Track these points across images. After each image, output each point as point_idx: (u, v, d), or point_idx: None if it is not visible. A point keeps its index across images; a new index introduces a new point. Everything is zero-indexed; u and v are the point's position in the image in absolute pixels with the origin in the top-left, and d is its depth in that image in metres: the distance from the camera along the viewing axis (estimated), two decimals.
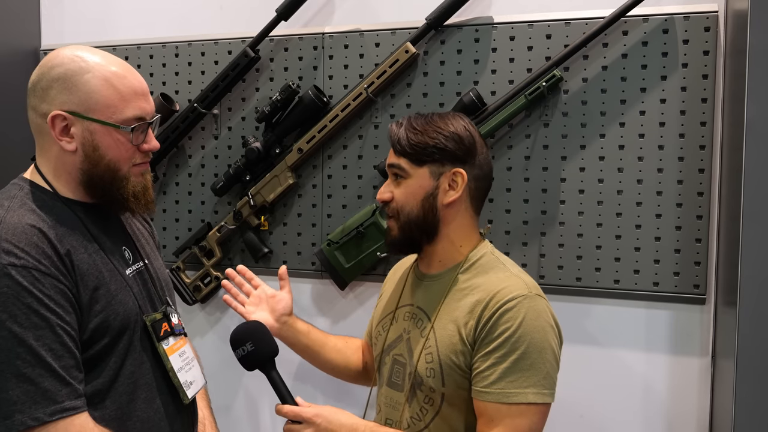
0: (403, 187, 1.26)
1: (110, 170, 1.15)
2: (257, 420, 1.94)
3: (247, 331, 1.28)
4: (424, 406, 1.24)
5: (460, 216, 1.26)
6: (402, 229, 1.27)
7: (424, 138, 1.23)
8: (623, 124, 1.56)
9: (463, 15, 1.65)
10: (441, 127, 1.24)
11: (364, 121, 1.76)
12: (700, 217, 1.52)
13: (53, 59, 1.13)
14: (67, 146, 1.13)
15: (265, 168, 1.83)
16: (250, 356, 1.26)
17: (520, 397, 1.13)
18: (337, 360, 1.54)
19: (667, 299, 1.55)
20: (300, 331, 1.51)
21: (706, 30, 1.49)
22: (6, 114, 1.93)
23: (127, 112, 1.13)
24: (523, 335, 1.15)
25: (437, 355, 1.21)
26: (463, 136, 1.24)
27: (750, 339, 1.23)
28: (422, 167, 1.24)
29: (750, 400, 1.24)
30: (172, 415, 1.21)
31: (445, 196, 1.24)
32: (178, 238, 1.97)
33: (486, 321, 1.17)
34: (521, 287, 1.19)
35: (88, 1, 2.06)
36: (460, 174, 1.23)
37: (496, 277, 1.22)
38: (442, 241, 1.27)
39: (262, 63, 1.84)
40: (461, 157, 1.24)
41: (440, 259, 1.29)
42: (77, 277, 1.08)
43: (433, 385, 1.21)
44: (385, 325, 1.36)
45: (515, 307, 1.16)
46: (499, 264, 1.26)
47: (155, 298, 1.24)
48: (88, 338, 1.09)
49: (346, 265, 1.76)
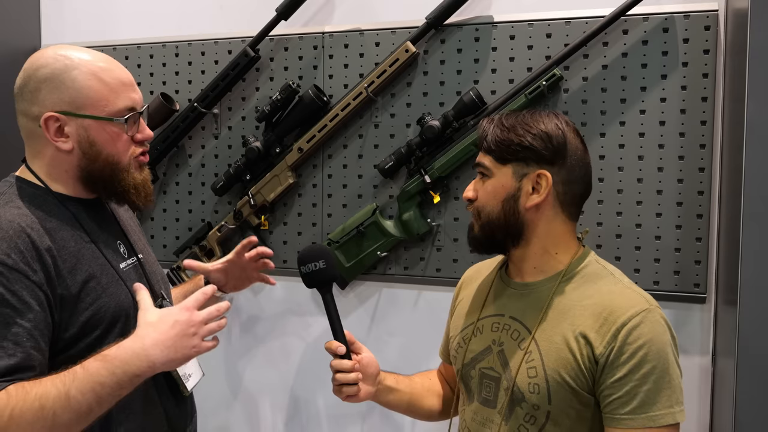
0: (486, 186, 1.19)
1: (109, 164, 1.15)
2: (257, 417, 1.94)
3: (322, 250, 1.30)
4: (524, 425, 1.15)
5: (547, 221, 1.17)
6: (482, 229, 1.20)
7: (510, 135, 1.16)
8: (623, 123, 1.56)
9: (463, 14, 1.65)
10: (530, 125, 1.16)
11: (365, 120, 1.76)
12: (700, 216, 1.52)
13: (37, 61, 1.13)
14: (64, 146, 1.13)
15: (265, 167, 1.83)
16: (320, 273, 1.28)
17: (668, 418, 1.07)
18: (435, 403, 1.41)
19: (667, 298, 1.54)
20: (393, 388, 1.36)
21: (706, 29, 1.49)
22: (6, 114, 1.93)
23: (118, 104, 1.14)
24: (655, 353, 1.07)
25: (543, 370, 1.13)
26: (552, 135, 1.15)
27: (750, 338, 1.23)
28: (505, 166, 1.17)
29: (750, 399, 1.24)
30: (171, 408, 1.22)
31: (528, 199, 1.16)
32: (179, 237, 1.97)
33: (611, 341, 1.08)
34: (641, 301, 1.11)
35: (88, 1, 2.06)
36: (545, 176, 1.14)
37: (609, 290, 1.14)
38: (532, 247, 1.19)
39: (262, 62, 1.84)
40: (547, 157, 1.15)
41: (535, 266, 1.20)
42: (64, 272, 1.08)
43: (537, 401, 1.13)
44: (466, 337, 1.26)
45: (642, 324, 1.08)
46: (607, 274, 1.18)
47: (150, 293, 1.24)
48: (79, 330, 1.09)
49: (346, 264, 1.76)
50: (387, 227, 1.72)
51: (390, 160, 1.68)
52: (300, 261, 1.29)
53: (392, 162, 1.68)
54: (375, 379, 1.30)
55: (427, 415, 1.41)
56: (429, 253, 1.72)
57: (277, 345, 1.89)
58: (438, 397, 1.41)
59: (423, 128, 1.63)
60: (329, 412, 1.87)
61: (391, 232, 1.71)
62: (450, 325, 1.37)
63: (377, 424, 1.82)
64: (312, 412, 1.89)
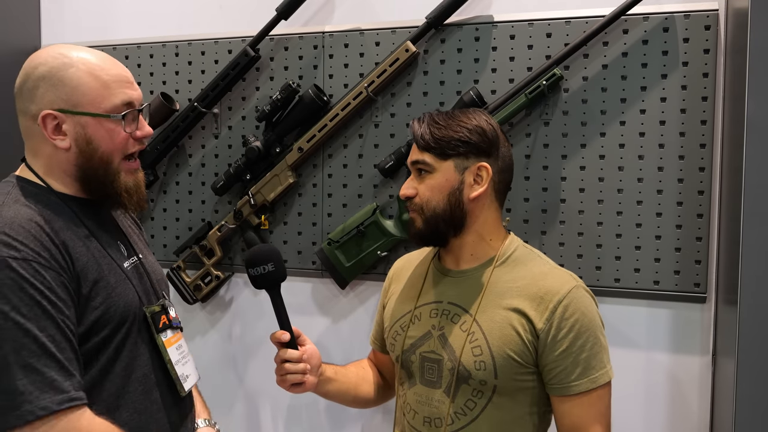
0: (428, 182, 1.26)
1: (103, 163, 1.15)
2: (257, 419, 1.94)
3: (270, 251, 1.31)
4: (471, 399, 1.25)
5: (486, 210, 1.28)
6: (427, 222, 1.27)
7: (448, 132, 1.24)
8: (624, 123, 1.56)
9: (463, 14, 1.65)
10: (464, 121, 1.26)
11: (365, 120, 1.76)
12: (700, 216, 1.52)
13: (35, 59, 1.14)
14: (61, 144, 1.13)
15: (265, 167, 1.83)
16: (268, 276, 1.29)
17: (605, 377, 1.23)
18: (370, 391, 1.48)
19: (667, 298, 1.55)
20: (332, 378, 1.41)
21: (706, 28, 1.49)
22: (6, 114, 1.93)
23: (115, 100, 1.14)
24: (588, 323, 1.22)
25: (488, 348, 1.22)
26: (486, 129, 1.26)
27: (750, 337, 1.23)
28: (447, 161, 1.25)
29: (750, 398, 1.24)
30: (169, 407, 1.22)
31: (471, 190, 1.26)
32: (179, 237, 1.97)
33: (549, 317, 1.21)
34: (569, 279, 1.25)
35: (88, 0, 2.06)
36: (485, 168, 1.25)
37: (540, 271, 1.26)
38: (470, 235, 1.29)
39: (262, 62, 1.84)
40: (485, 150, 1.25)
41: (471, 253, 1.30)
42: (77, 270, 1.08)
43: (483, 377, 1.23)
44: (404, 325, 1.35)
45: (575, 300, 1.22)
46: (535, 257, 1.30)
47: (151, 293, 1.25)
48: (87, 330, 1.09)
49: (346, 264, 1.76)
50: (387, 227, 1.72)
51: (390, 159, 1.68)
52: (248, 263, 1.30)
53: (392, 161, 1.68)
54: (318, 370, 1.36)
55: (363, 402, 1.49)
56: None
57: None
58: (371, 385, 1.49)
59: None
60: (329, 412, 1.87)
61: (391, 231, 1.71)
62: (384, 315, 1.44)
63: (377, 424, 1.82)
64: (312, 412, 1.89)
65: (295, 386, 1.32)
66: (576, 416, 1.22)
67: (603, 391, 1.23)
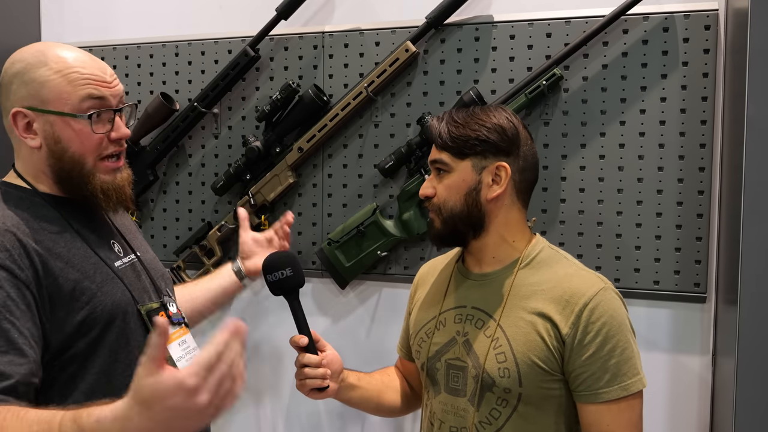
0: (446, 181, 1.23)
1: (75, 163, 1.13)
2: (258, 417, 1.94)
3: (288, 257, 1.30)
4: (496, 408, 1.20)
5: (506, 210, 1.23)
6: (445, 223, 1.23)
7: (465, 131, 1.20)
8: (623, 123, 1.56)
9: (463, 14, 1.65)
10: (483, 119, 1.21)
11: (365, 120, 1.76)
12: (700, 216, 1.52)
13: (14, 56, 1.12)
14: (32, 143, 1.11)
15: (265, 167, 1.82)
16: (286, 281, 1.28)
17: (638, 385, 1.16)
18: (395, 399, 1.44)
19: (667, 298, 1.54)
20: (355, 385, 1.38)
21: (706, 28, 1.49)
22: None
23: (77, 99, 1.11)
24: (617, 327, 1.16)
25: (512, 355, 1.18)
26: (506, 127, 1.21)
27: (750, 337, 1.23)
28: (464, 160, 1.21)
29: (751, 398, 1.24)
30: None
31: (489, 190, 1.21)
32: (179, 237, 1.97)
33: (576, 322, 1.16)
34: (596, 281, 1.20)
35: (88, 0, 2.06)
36: (504, 168, 1.20)
37: (565, 273, 1.21)
38: (492, 237, 1.24)
39: (262, 62, 1.84)
40: (504, 149, 1.21)
41: (493, 256, 1.25)
42: (54, 271, 1.06)
43: (508, 385, 1.18)
44: (429, 331, 1.30)
45: (602, 302, 1.16)
46: (561, 258, 1.25)
47: (151, 290, 1.23)
48: (75, 331, 1.07)
49: (346, 264, 1.76)
50: (387, 227, 1.72)
51: (390, 159, 1.68)
52: (266, 269, 1.28)
53: (392, 161, 1.68)
54: (339, 376, 1.33)
55: (388, 410, 1.45)
56: (429, 252, 1.72)
57: (277, 344, 1.89)
58: (397, 393, 1.45)
59: (423, 128, 1.63)
60: (329, 412, 1.87)
61: (391, 231, 1.71)
62: (410, 322, 1.40)
63: (377, 423, 1.82)
64: (312, 412, 1.89)
65: (314, 392, 1.29)
66: (605, 425, 1.15)
67: (635, 401, 1.16)
